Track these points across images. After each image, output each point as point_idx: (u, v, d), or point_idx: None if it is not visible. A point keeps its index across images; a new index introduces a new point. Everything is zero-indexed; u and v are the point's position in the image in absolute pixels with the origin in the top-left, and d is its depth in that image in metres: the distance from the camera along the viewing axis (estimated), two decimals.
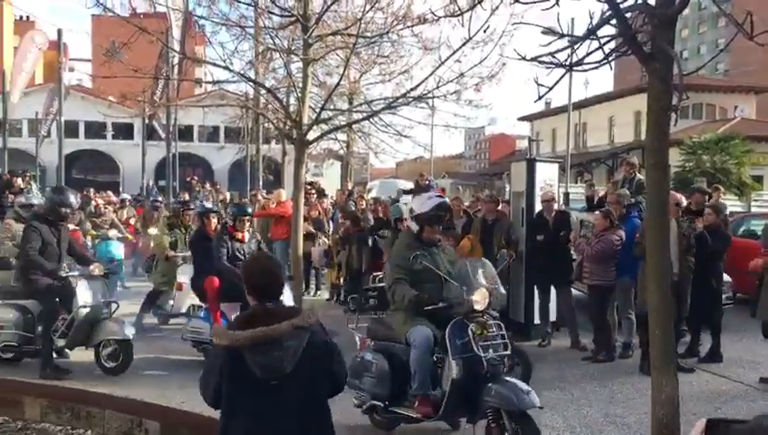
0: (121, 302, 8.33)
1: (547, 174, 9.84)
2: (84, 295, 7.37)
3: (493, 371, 4.94)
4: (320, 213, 13.64)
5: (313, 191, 14.89)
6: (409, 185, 24.05)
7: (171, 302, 9.66)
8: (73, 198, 7.96)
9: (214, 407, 2.92)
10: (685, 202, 8.31)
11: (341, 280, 12.09)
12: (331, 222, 14.24)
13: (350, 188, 19.14)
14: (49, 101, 26.01)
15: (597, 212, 8.90)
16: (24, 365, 7.58)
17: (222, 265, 7.58)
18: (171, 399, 6.31)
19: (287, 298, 7.20)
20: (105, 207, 14.87)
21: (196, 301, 8.28)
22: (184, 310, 8.86)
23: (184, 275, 9.12)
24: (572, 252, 9.11)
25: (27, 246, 7.29)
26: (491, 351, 5.00)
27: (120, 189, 32.63)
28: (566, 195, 16.18)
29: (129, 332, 7.39)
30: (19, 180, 16.32)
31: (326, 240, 13.07)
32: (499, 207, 10.12)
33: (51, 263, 7.33)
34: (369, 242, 11.09)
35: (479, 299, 5.11)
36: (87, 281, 7.47)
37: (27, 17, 56.33)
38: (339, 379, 3.04)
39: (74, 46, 57.43)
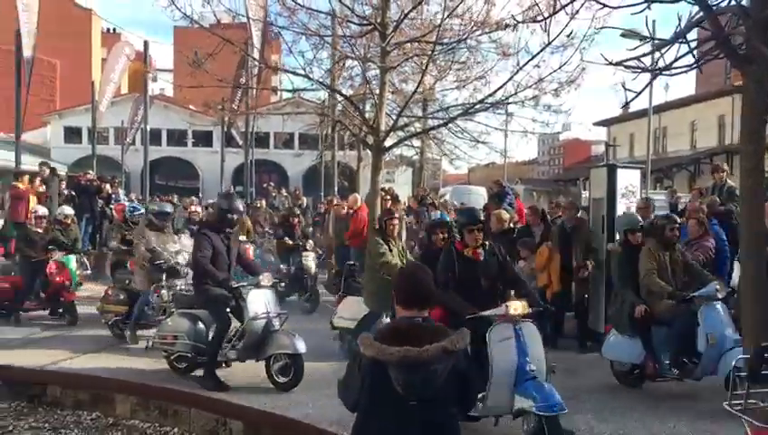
0: None
1: (628, 180, 9.59)
2: (255, 306, 7.01)
3: None
4: None
5: (388, 197, 14.94)
6: (483, 191, 23.92)
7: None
8: (241, 205, 7.77)
9: (353, 411, 2.96)
10: None
11: None
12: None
13: (422, 193, 19.11)
14: (134, 110, 27.16)
15: (690, 219, 8.55)
16: (116, 363, 7.89)
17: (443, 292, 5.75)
18: (254, 400, 6.45)
19: None
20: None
21: None
22: None
23: None
24: None
25: (198, 255, 7.00)
26: None
27: (200, 195, 33.67)
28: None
29: (301, 346, 6.88)
30: (108, 186, 17.03)
31: None
32: (579, 214, 9.93)
33: (221, 272, 7.04)
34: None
35: None
36: (257, 291, 7.15)
37: (113, 29, 58.87)
38: (468, 406, 3.05)
39: (156, 56, 59.68)
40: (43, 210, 11.24)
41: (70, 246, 10.91)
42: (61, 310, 10.59)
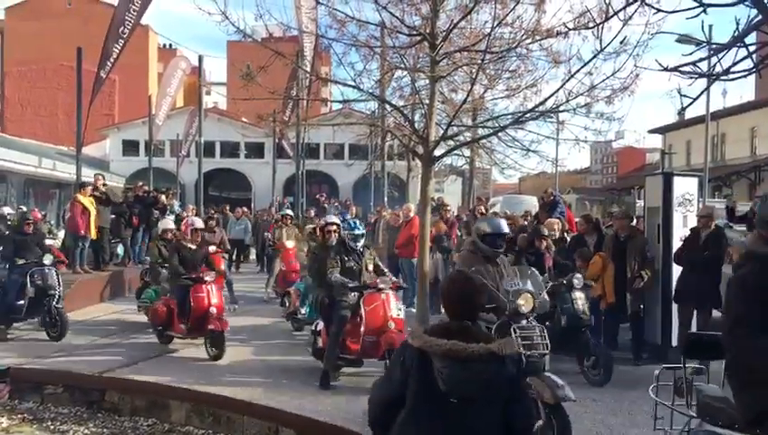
0: None
1: (685, 188, 9.35)
2: None
3: None
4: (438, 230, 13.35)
5: (449, 208, 14.87)
6: (533, 200, 23.67)
7: None
8: None
9: (378, 406, 2.94)
10: None
11: None
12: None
13: (473, 204, 19.01)
14: (189, 123, 27.83)
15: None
16: (171, 370, 8.06)
17: None
18: (306, 408, 6.50)
19: None
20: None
21: None
22: None
23: None
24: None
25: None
26: None
27: (252, 206, 34.21)
28: None
29: None
30: (163, 197, 17.41)
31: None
32: (633, 223, 9.73)
33: None
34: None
35: None
36: None
37: (170, 45, 60.56)
38: (521, 423, 2.86)
39: (211, 70, 61.23)
40: (199, 222, 10.14)
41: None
42: (211, 339, 8.89)
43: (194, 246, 9.49)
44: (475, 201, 19.31)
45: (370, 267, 8.00)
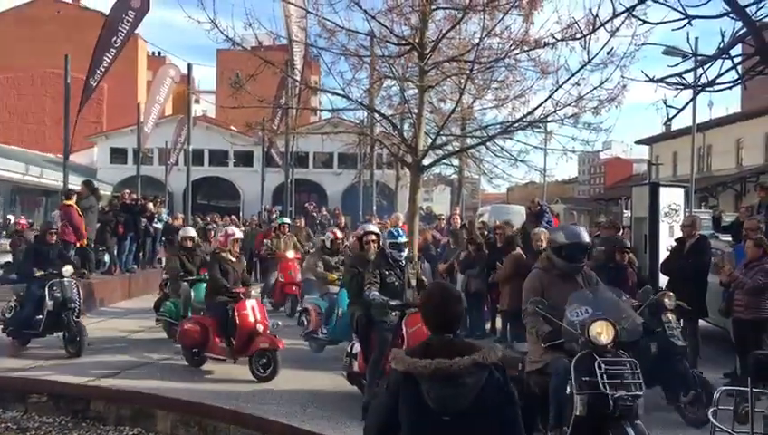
0: None
1: (671, 199, 9.43)
2: None
3: None
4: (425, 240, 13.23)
5: (443, 217, 14.84)
6: (521, 210, 23.75)
7: None
8: None
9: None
10: None
11: None
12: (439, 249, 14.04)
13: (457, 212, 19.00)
14: (177, 131, 27.70)
15: (748, 239, 8.23)
16: (158, 379, 7.99)
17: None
18: (293, 417, 6.47)
19: None
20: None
21: None
22: None
23: None
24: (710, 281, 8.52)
25: None
26: None
27: (241, 214, 34.12)
28: None
29: None
30: (151, 205, 17.33)
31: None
32: (619, 233, 9.78)
33: None
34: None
35: None
36: None
37: (159, 53, 60.46)
38: (513, 429, 2.83)
39: (200, 78, 61.31)
40: (239, 232, 9.32)
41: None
42: (264, 360, 8.06)
43: (234, 259, 8.77)
44: (463, 211, 19.32)
45: (413, 283, 7.08)
